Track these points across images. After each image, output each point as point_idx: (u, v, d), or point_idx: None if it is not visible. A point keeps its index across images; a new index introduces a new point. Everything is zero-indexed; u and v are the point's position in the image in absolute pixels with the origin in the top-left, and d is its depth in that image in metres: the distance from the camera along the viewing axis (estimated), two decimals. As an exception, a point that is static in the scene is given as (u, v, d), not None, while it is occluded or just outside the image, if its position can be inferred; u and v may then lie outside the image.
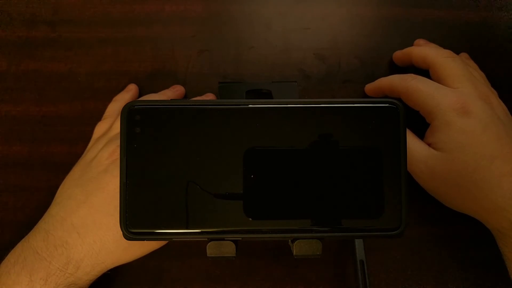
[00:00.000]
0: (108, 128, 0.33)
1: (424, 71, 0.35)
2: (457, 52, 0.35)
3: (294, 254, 0.24)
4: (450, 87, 0.32)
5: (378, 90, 0.36)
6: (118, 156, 0.24)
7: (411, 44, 0.37)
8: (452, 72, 0.32)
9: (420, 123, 0.33)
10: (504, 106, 0.33)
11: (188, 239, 0.25)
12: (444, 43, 0.37)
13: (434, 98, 0.31)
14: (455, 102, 0.31)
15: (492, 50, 0.38)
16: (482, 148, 0.30)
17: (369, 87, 0.37)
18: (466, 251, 0.35)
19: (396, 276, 0.35)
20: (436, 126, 0.31)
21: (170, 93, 0.36)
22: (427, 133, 0.33)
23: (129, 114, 0.24)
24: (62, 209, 0.29)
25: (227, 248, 0.24)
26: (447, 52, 0.34)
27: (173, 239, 0.26)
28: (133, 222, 0.23)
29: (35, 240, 0.28)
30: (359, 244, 0.33)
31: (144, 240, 0.24)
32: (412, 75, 0.33)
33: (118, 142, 0.26)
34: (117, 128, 0.32)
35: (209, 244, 0.24)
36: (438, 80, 0.33)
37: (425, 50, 0.35)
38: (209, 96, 0.36)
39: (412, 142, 0.33)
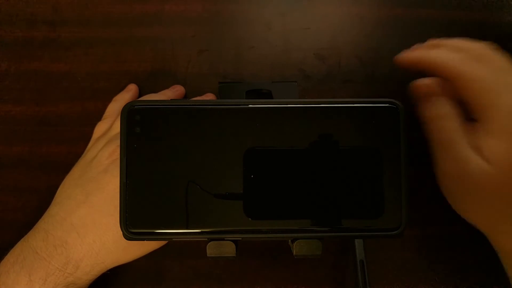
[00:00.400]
0: (108, 128, 0.33)
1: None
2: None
3: (294, 254, 0.24)
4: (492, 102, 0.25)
5: (415, 64, 0.29)
6: (118, 156, 0.24)
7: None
8: (486, 85, 0.26)
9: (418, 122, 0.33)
10: None
11: (188, 239, 0.25)
12: (444, 43, 0.37)
13: (500, 95, 0.25)
14: None
15: (492, 50, 0.38)
16: None
17: (405, 58, 0.29)
18: (466, 251, 0.35)
19: (396, 276, 0.35)
20: (491, 131, 0.25)
21: (170, 93, 0.36)
22: (467, 130, 0.27)
23: (129, 114, 0.24)
24: (61, 209, 0.29)
25: (227, 248, 0.24)
26: (477, 48, 0.27)
27: (173, 239, 0.26)
28: (133, 222, 0.23)
29: (34, 240, 0.28)
30: (359, 244, 0.33)
31: (144, 240, 0.24)
32: (476, 58, 0.27)
33: (118, 142, 0.26)
34: (117, 128, 0.32)
35: (209, 244, 0.24)
36: (469, 98, 0.26)
37: (443, 55, 0.28)
38: (209, 96, 0.36)
39: (464, 149, 0.26)
